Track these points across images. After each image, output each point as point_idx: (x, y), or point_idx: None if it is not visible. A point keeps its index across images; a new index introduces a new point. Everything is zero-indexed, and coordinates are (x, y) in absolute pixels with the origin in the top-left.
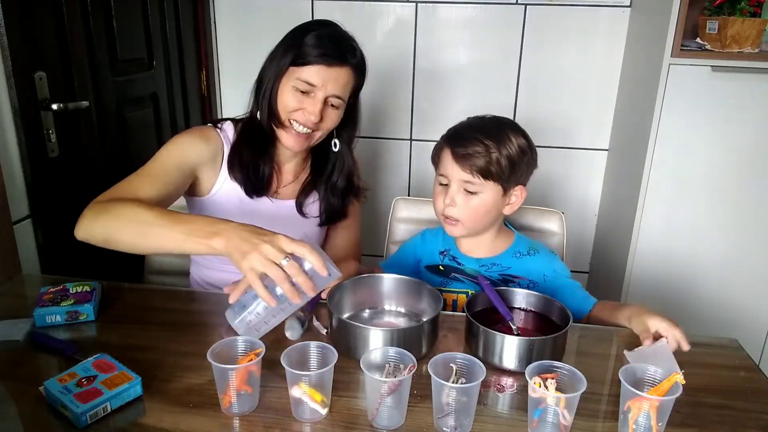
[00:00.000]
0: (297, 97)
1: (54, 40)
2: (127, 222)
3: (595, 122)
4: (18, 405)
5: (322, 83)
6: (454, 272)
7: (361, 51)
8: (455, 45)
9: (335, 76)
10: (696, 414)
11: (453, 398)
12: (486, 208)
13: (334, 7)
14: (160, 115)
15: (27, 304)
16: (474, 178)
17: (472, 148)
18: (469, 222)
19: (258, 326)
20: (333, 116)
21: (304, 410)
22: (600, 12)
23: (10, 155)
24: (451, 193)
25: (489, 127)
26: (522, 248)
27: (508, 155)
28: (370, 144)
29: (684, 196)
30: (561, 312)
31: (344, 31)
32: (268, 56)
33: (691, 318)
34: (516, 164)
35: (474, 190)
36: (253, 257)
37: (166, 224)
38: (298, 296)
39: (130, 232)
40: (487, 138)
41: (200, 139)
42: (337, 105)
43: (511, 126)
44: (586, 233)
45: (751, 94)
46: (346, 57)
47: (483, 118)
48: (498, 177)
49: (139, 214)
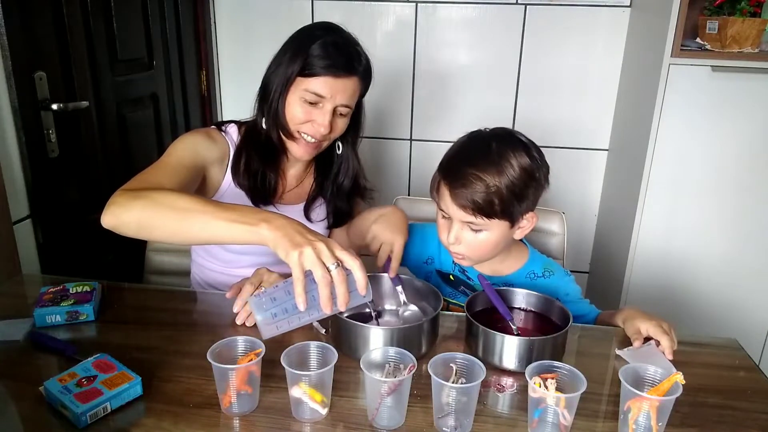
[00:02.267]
0: (305, 109)
1: (54, 40)
2: (167, 208)
3: (595, 122)
4: (18, 405)
5: (331, 94)
6: (464, 285)
7: (367, 55)
8: (455, 45)
9: (343, 87)
10: (696, 414)
11: (453, 398)
12: (494, 242)
13: (334, 7)
14: (160, 115)
15: (27, 304)
16: (476, 218)
17: (470, 188)
18: (476, 255)
19: (280, 324)
20: (341, 124)
21: (304, 410)
22: (600, 12)
23: (10, 155)
24: (455, 231)
25: (487, 153)
26: (537, 268)
27: (510, 186)
28: (370, 144)
29: (684, 196)
30: (561, 312)
31: (349, 36)
32: (273, 61)
33: (691, 318)
34: (521, 194)
35: (478, 228)
36: (306, 251)
37: (209, 211)
38: (330, 306)
39: (170, 219)
40: (486, 170)
41: (207, 138)
42: (345, 113)
43: (512, 143)
44: (586, 233)
45: (751, 94)
46: (353, 66)
47: (479, 140)
48: (503, 213)
49: (179, 200)
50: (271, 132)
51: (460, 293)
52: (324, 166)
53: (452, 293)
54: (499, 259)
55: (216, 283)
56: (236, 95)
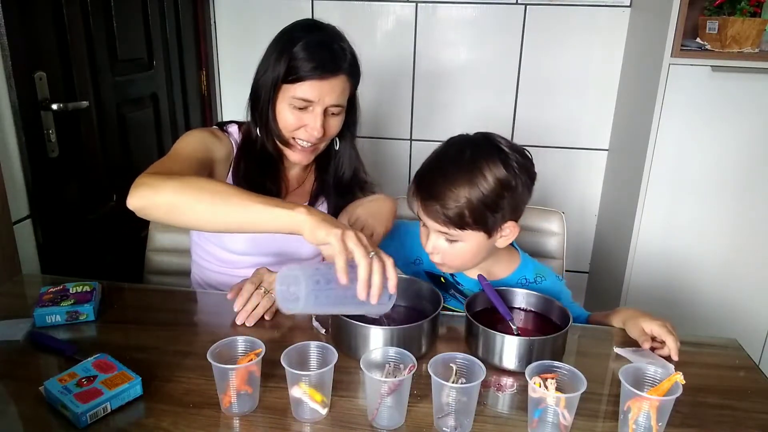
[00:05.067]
0: (296, 115)
1: (54, 40)
2: (202, 191)
3: (595, 122)
4: (18, 405)
5: (319, 97)
6: (453, 289)
7: (352, 49)
8: (455, 45)
9: (330, 88)
10: (696, 414)
11: (453, 398)
12: (472, 252)
13: (334, 7)
14: (160, 115)
15: (27, 304)
16: (450, 229)
17: (440, 200)
18: (455, 264)
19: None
20: (335, 124)
21: (304, 410)
22: (600, 12)
23: (10, 155)
24: (432, 240)
25: (460, 163)
26: (528, 274)
27: (482, 198)
28: (370, 144)
29: (684, 196)
30: (561, 312)
31: (333, 31)
32: (260, 65)
33: (691, 318)
34: (495, 205)
35: (453, 239)
36: (348, 233)
37: (246, 196)
38: (366, 291)
39: (205, 202)
40: (456, 182)
41: (213, 136)
42: (338, 112)
43: (488, 152)
44: (586, 233)
45: (751, 94)
46: (338, 65)
47: (455, 148)
48: (476, 224)
49: (212, 185)
50: (266, 141)
51: (451, 296)
52: (324, 163)
53: (443, 296)
54: (488, 264)
55: (216, 283)
56: (236, 95)
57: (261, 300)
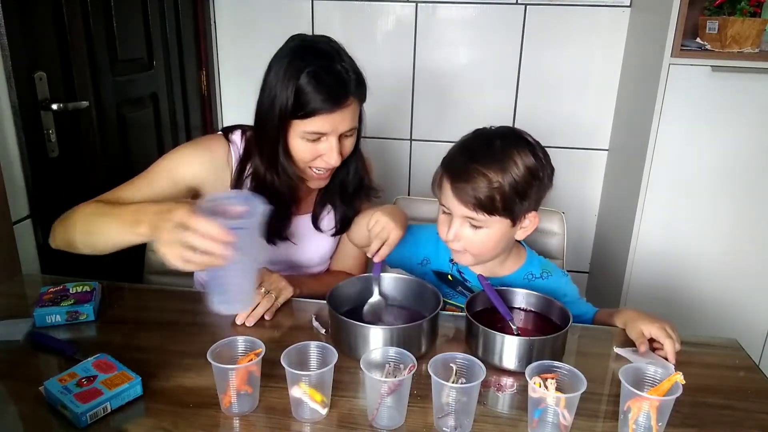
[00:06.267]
0: (310, 147)
1: (54, 40)
2: (76, 224)
3: (595, 122)
4: (18, 405)
5: (332, 128)
6: (461, 286)
7: (352, 62)
8: (455, 45)
9: (342, 117)
10: (696, 414)
11: (453, 398)
12: (494, 240)
13: (334, 7)
14: (160, 115)
15: (27, 304)
16: (477, 214)
17: (472, 183)
18: (476, 252)
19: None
20: (350, 144)
21: (304, 410)
22: (600, 12)
23: (10, 155)
24: (455, 226)
25: (490, 150)
26: (534, 269)
27: (513, 184)
28: (370, 144)
29: (684, 196)
30: (561, 312)
31: (331, 49)
32: (262, 97)
33: (691, 318)
34: (524, 193)
35: (479, 225)
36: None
37: (104, 217)
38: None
39: (84, 232)
40: (489, 166)
41: (204, 153)
42: (351, 134)
43: (517, 142)
44: (586, 233)
45: (751, 94)
46: (347, 90)
47: (484, 138)
48: (504, 210)
49: (85, 215)
50: (277, 179)
51: (458, 293)
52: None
53: (450, 293)
54: (497, 260)
55: None
56: (236, 95)
57: (261, 300)
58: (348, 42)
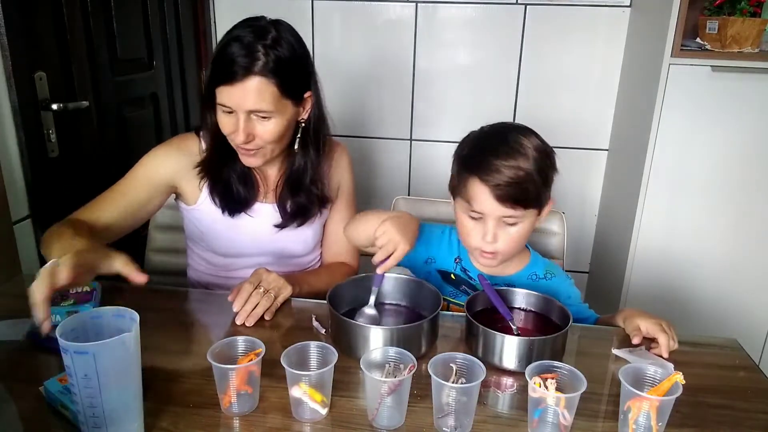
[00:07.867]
0: (225, 120)
1: (54, 40)
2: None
3: (595, 122)
4: (18, 405)
5: (235, 103)
6: (465, 285)
7: (277, 50)
8: (455, 45)
9: (242, 93)
10: (696, 414)
11: (453, 398)
12: (525, 234)
13: (334, 7)
14: (160, 115)
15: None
16: (516, 211)
17: (507, 178)
18: (509, 251)
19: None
20: (268, 128)
21: (304, 410)
22: (600, 12)
23: (10, 155)
24: (491, 229)
25: (508, 144)
26: (539, 270)
27: (538, 170)
28: (370, 144)
29: (684, 196)
30: (561, 312)
31: (259, 28)
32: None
33: (691, 318)
34: (546, 176)
35: (514, 222)
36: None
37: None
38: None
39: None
40: (514, 158)
41: (177, 152)
42: (267, 116)
43: (521, 131)
44: (586, 233)
45: (751, 94)
46: (248, 67)
47: (491, 134)
48: (536, 199)
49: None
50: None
51: (462, 292)
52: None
53: (453, 293)
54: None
55: (213, 286)
56: None
57: (260, 300)
58: (348, 42)
